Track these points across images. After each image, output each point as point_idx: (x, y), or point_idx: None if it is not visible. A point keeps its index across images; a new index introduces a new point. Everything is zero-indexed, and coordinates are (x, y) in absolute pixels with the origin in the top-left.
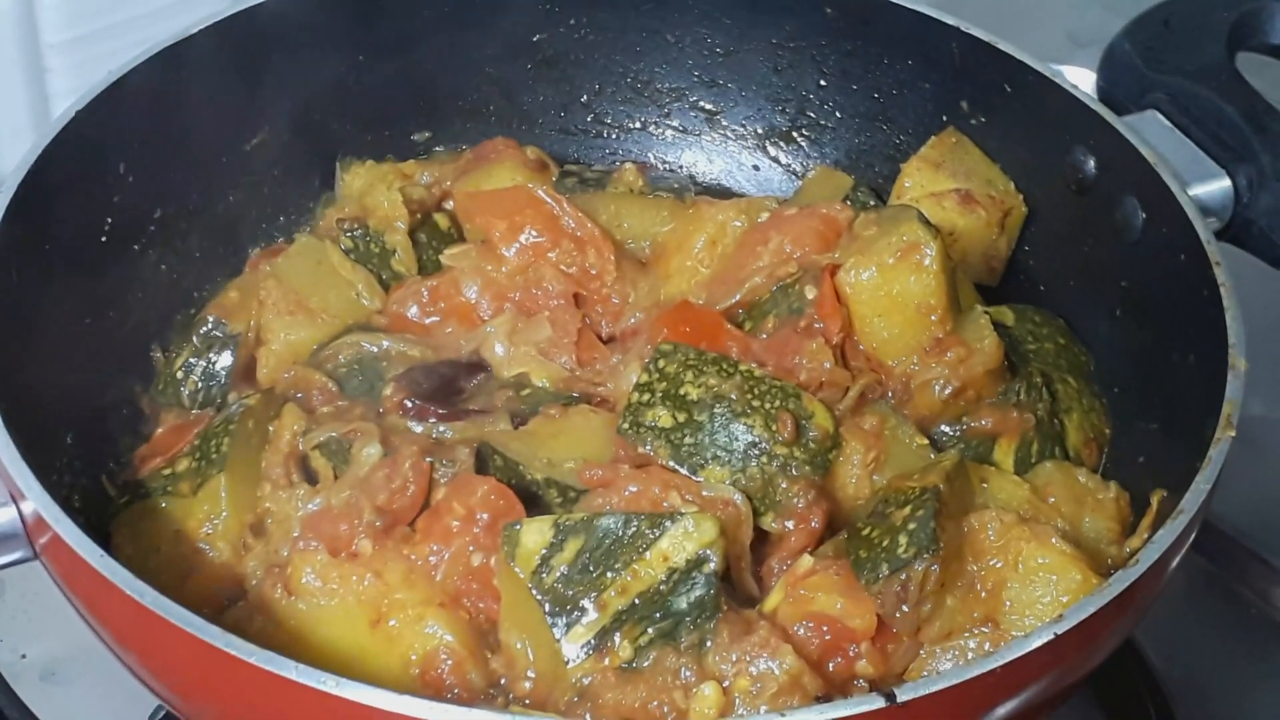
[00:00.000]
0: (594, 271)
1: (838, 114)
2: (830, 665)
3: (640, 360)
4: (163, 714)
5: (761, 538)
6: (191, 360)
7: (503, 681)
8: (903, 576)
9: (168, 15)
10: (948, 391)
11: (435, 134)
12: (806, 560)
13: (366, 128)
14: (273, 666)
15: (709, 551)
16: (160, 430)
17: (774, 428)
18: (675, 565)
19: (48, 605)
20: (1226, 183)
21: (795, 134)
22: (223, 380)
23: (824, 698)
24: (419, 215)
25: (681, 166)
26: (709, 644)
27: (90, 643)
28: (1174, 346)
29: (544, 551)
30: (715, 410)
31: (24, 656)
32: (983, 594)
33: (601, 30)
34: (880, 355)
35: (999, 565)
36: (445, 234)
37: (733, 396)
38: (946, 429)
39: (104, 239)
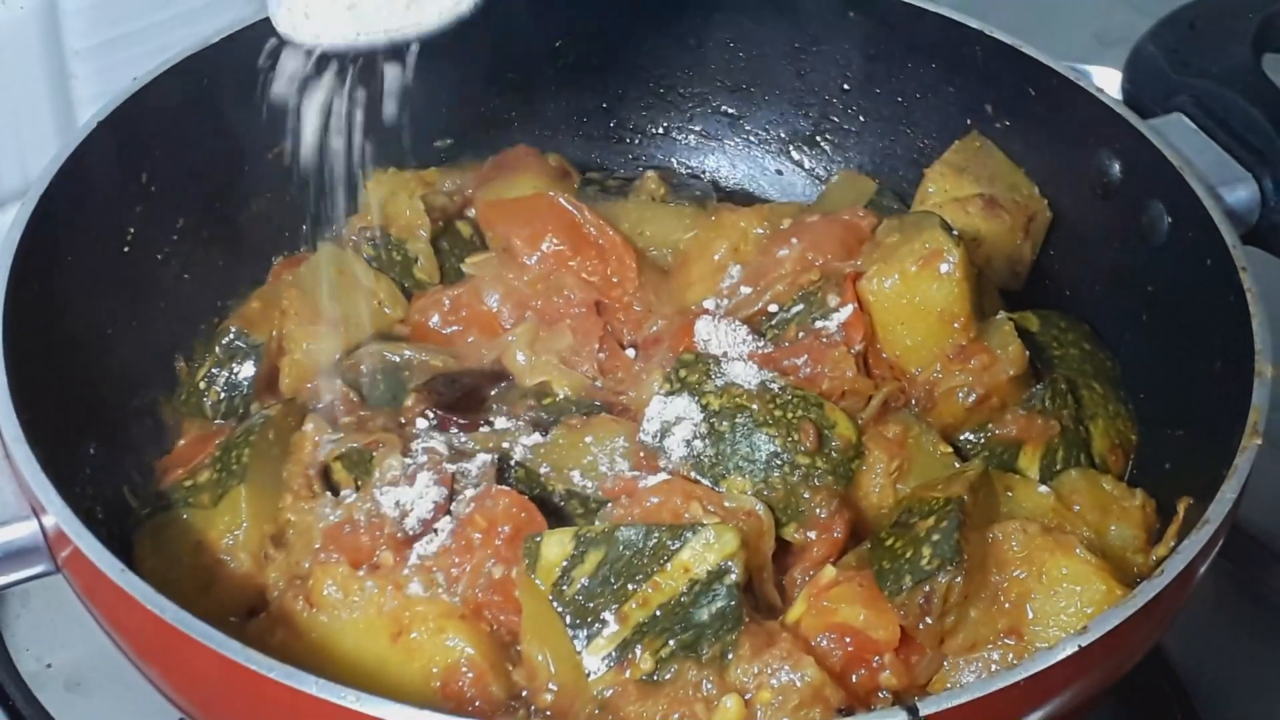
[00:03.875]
0: (615, 280)
1: (861, 118)
2: (853, 677)
3: (662, 369)
4: None
5: (784, 548)
6: (214, 370)
7: (524, 694)
8: (926, 588)
9: (191, 21)
10: (972, 399)
11: (457, 141)
12: (829, 571)
13: (388, 135)
14: (293, 682)
15: (730, 563)
16: (183, 441)
17: (796, 437)
18: (696, 577)
19: (72, 615)
20: (1253, 186)
21: (819, 138)
22: (245, 390)
23: (846, 710)
24: (441, 223)
25: (704, 171)
26: (730, 656)
27: (114, 653)
28: (1200, 352)
29: (565, 563)
30: (737, 420)
31: (49, 666)
32: (1006, 605)
33: (623, 35)
34: (903, 363)
35: (1023, 576)
36: (467, 242)
37: (754, 406)
38: (970, 436)
39: (126, 248)
